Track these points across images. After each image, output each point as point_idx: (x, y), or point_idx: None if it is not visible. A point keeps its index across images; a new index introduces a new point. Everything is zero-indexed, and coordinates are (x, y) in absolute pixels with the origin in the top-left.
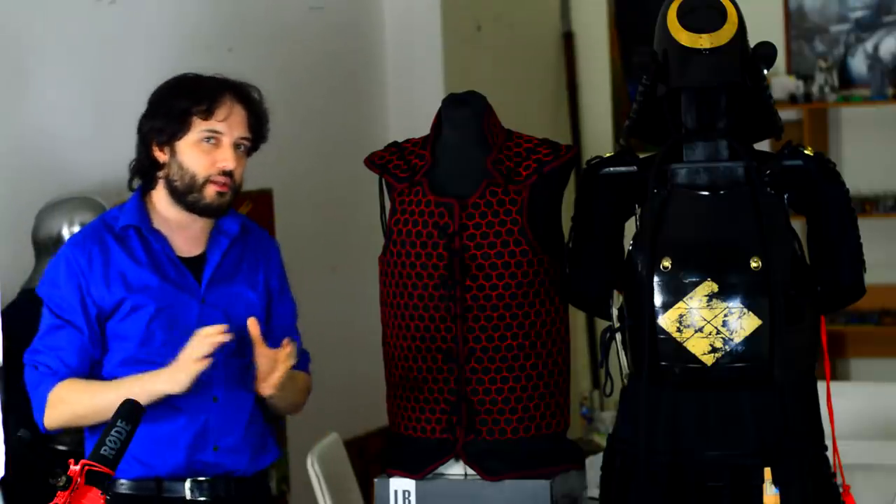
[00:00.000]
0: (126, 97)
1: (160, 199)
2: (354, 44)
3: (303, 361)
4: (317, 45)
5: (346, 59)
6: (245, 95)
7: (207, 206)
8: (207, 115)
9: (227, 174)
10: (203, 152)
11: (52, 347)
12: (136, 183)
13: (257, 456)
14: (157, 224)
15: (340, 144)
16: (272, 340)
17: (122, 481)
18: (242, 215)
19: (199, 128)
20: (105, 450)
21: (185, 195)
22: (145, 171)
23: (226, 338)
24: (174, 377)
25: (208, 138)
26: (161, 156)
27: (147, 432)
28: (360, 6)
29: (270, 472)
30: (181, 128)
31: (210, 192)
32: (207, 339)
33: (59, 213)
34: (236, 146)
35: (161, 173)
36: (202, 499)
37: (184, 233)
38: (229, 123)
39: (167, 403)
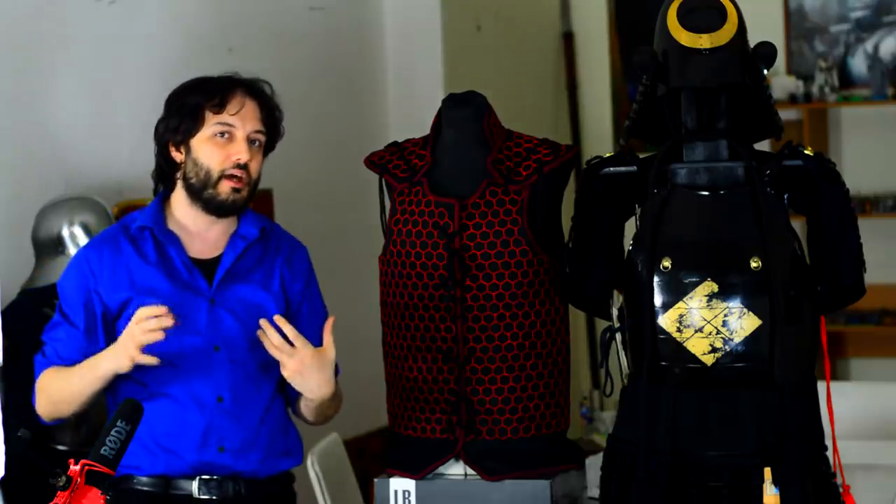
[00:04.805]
0: (126, 97)
1: (178, 201)
2: (355, 44)
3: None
4: (317, 46)
5: (347, 59)
6: (257, 90)
7: (222, 203)
8: (219, 108)
9: (242, 167)
10: (217, 146)
11: (53, 339)
12: (159, 189)
13: (271, 458)
14: (172, 226)
15: (340, 144)
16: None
17: (134, 477)
18: (266, 219)
19: (211, 122)
20: (105, 450)
21: (201, 192)
22: (164, 175)
23: (156, 314)
24: (116, 355)
25: (222, 133)
26: (178, 156)
27: (152, 433)
28: (361, 6)
29: (292, 476)
30: (194, 124)
31: (225, 187)
32: (141, 321)
33: (59, 213)
34: (251, 141)
35: (178, 173)
36: (209, 497)
37: (202, 236)
38: (241, 117)
39: (170, 404)
